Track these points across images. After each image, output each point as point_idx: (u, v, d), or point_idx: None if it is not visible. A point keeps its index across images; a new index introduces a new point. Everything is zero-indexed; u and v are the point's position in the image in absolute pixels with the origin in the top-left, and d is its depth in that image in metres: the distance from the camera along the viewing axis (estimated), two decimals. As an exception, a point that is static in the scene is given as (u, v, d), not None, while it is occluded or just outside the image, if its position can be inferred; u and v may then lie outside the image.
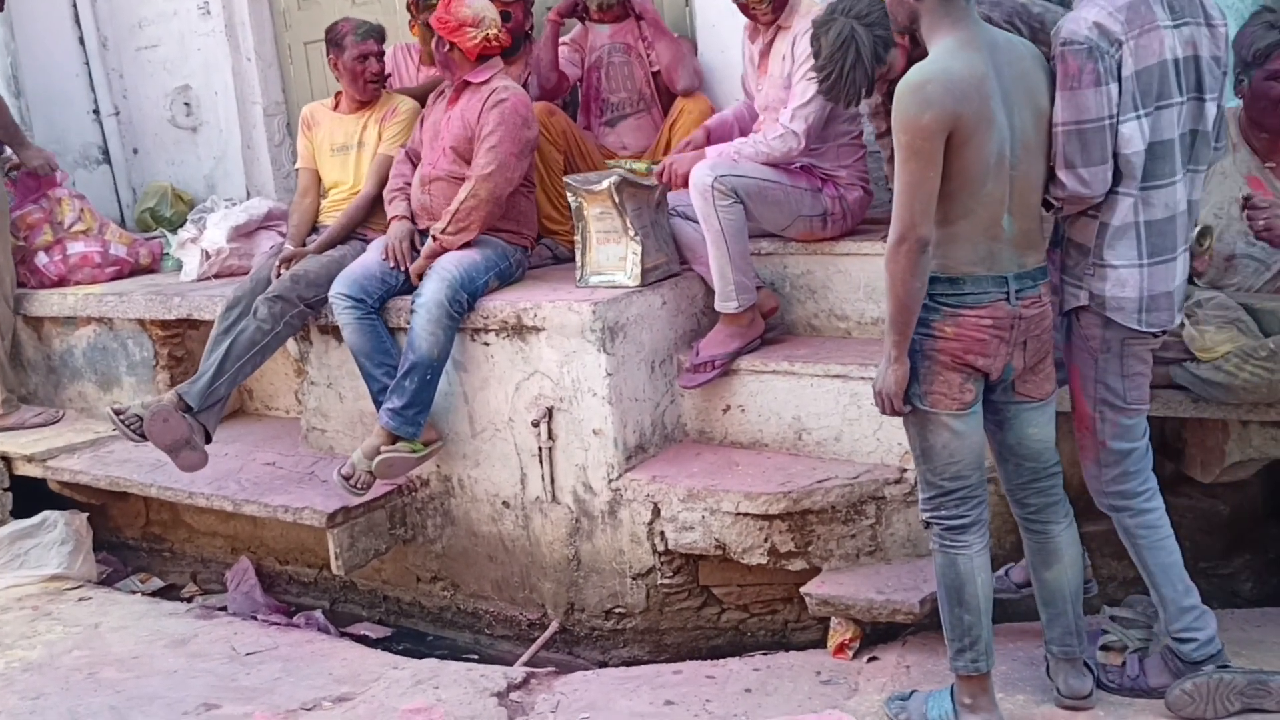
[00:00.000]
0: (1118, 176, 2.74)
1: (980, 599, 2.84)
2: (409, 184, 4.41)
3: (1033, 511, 2.95)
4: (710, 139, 4.22)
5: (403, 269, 4.19)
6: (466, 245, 4.14)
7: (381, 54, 4.68)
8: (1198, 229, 3.10)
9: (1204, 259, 3.17)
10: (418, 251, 4.25)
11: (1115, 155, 2.73)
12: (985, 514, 2.87)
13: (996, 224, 2.66)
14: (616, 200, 3.94)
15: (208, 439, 4.26)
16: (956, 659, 2.87)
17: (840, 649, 3.50)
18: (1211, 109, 2.83)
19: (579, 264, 4.12)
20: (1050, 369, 2.85)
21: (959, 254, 2.67)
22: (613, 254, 4.04)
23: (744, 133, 4.21)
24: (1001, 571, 3.41)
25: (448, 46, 4.17)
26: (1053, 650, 3.01)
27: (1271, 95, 3.34)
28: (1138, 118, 2.72)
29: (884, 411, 2.80)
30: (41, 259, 5.62)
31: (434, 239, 4.14)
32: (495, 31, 4.18)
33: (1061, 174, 2.73)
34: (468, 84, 4.23)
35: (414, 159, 4.46)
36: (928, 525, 2.90)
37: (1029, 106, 2.65)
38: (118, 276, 5.77)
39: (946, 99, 2.53)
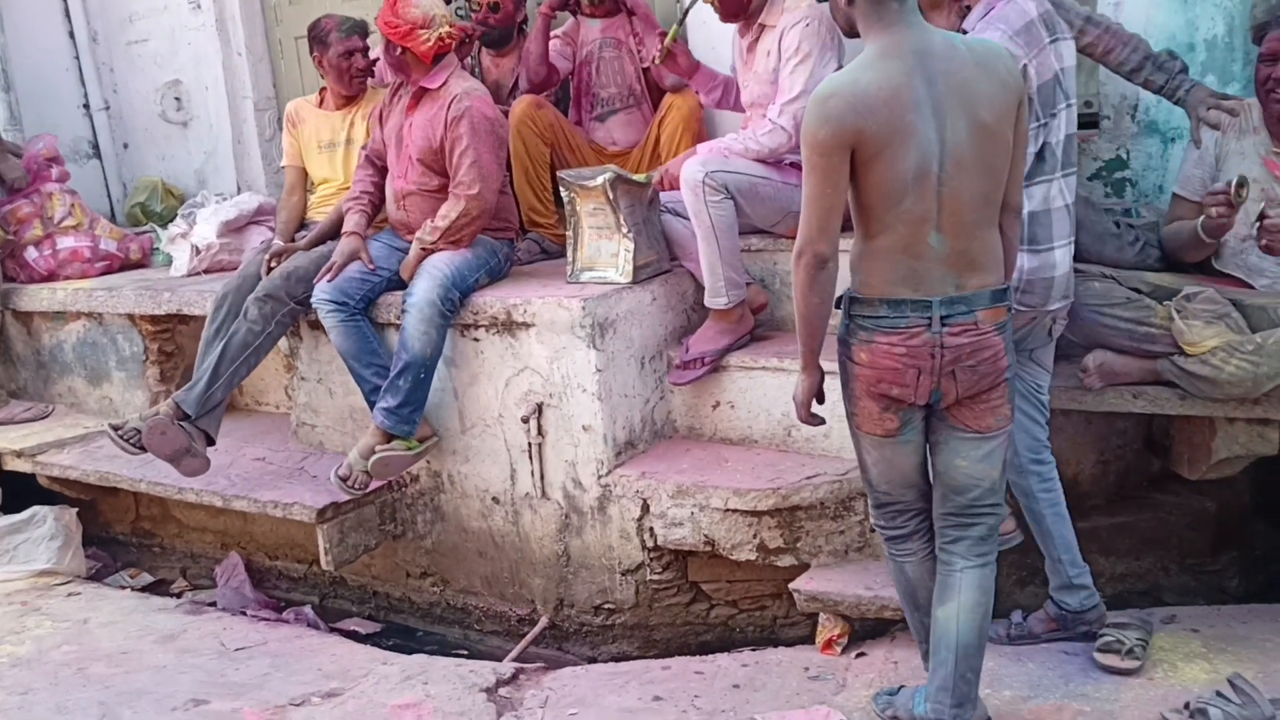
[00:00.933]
0: None
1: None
2: (368, 192, 4.33)
3: (946, 540, 2.76)
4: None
5: (332, 291, 4.09)
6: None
7: (367, 49, 4.65)
8: (1236, 179, 3.17)
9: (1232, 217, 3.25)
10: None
11: None
12: (926, 524, 2.82)
13: (920, 242, 2.52)
14: (611, 197, 3.94)
15: (210, 442, 4.25)
16: (927, 660, 2.88)
17: (828, 645, 3.51)
18: (1072, 114, 3.03)
19: (570, 260, 4.11)
20: (998, 403, 2.64)
21: (879, 272, 2.56)
22: (605, 250, 4.04)
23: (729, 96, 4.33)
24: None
25: (399, 50, 4.07)
26: (929, 712, 2.77)
27: (1259, 77, 3.43)
28: (1037, 127, 2.92)
29: (800, 419, 2.79)
30: (31, 254, 5.60)
31: (424, 250, 4.11)
32: (447, 29, 4.07)
33: None
34: (425, 90, 4.14)
35: (376, 160, 4.38)
36: (873, 530, 2.89)
37: (965, 118, 2.47)
38: (107, 271, 5.75)
39: (847, 114, 2.44)
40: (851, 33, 2.68)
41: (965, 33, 2.98)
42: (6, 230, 5.57)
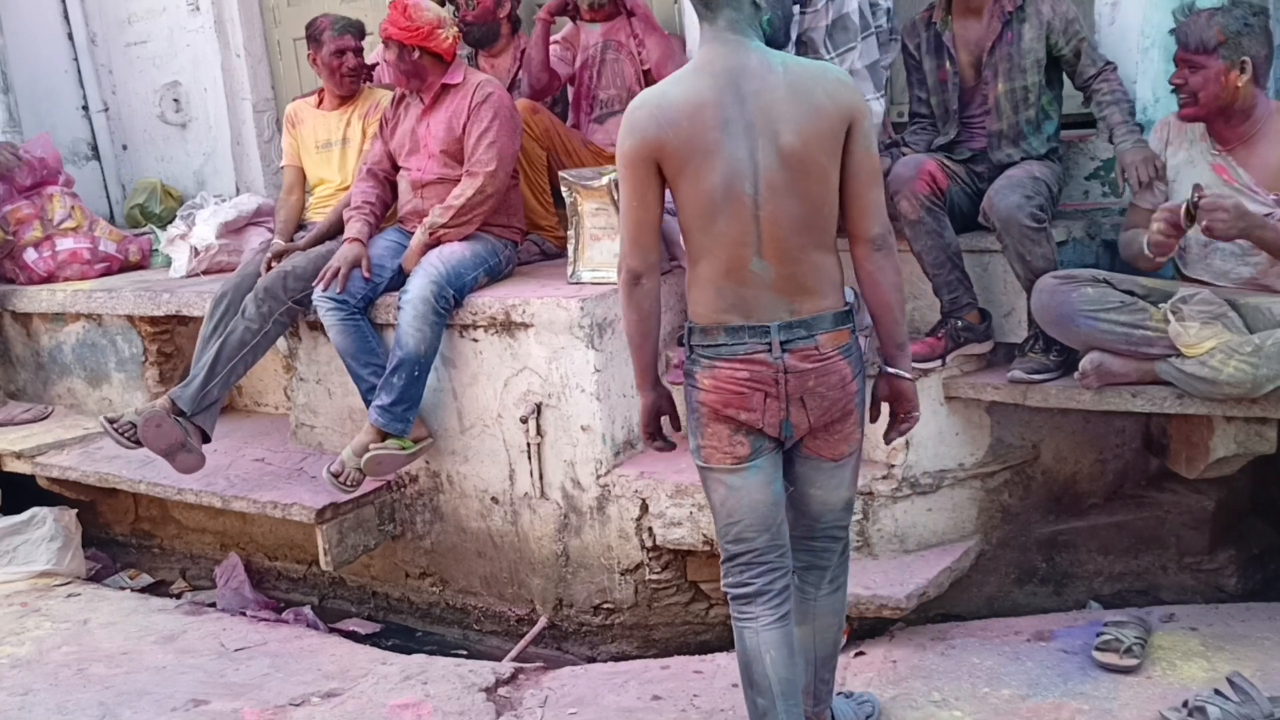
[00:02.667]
0: None
1: (772, 680, 2.57)
2: (370, 202, 4.34)
3: (800, 567, 2.73)
4: None
5: (334, 291, 4.09)
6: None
7: (360, 49, 4.67)
8: (1186, 201, 3.18)
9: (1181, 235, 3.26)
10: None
11: None
12: (778, 584, 2.61)
13: (742, 268, 2.44)
14: (616, 197, 3.95)
15: (206, 439, 4.26)
16: None
17: (827, 644, 3.51)
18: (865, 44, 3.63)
19: (571, 260, 4.12)
20: (850, 431, 2.58)
21: (707, 300, 2.49)
22: (608, 250, 4.04)
23: None
24: None
25: (417, 54, 4.12)
26: None
27: (1173, 83, 3.45)
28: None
29: (645, 443, 2.75)
30: (30, 255, 5.60)
31: (430, 233, 4.13)
32: (455, 27, 4.19)
33: None
34: (445, 87, 4.21)
35: (378, 173, 4.40)
36: (726, 595, 2.67)
37: (773, 144, 2.39)
38: (107, 273, 5.76)
39: (650, 126, 2.40)
40: None
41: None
42: (6, 230, 5.57)
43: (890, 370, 2.63)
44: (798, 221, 2.43)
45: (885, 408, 2.71)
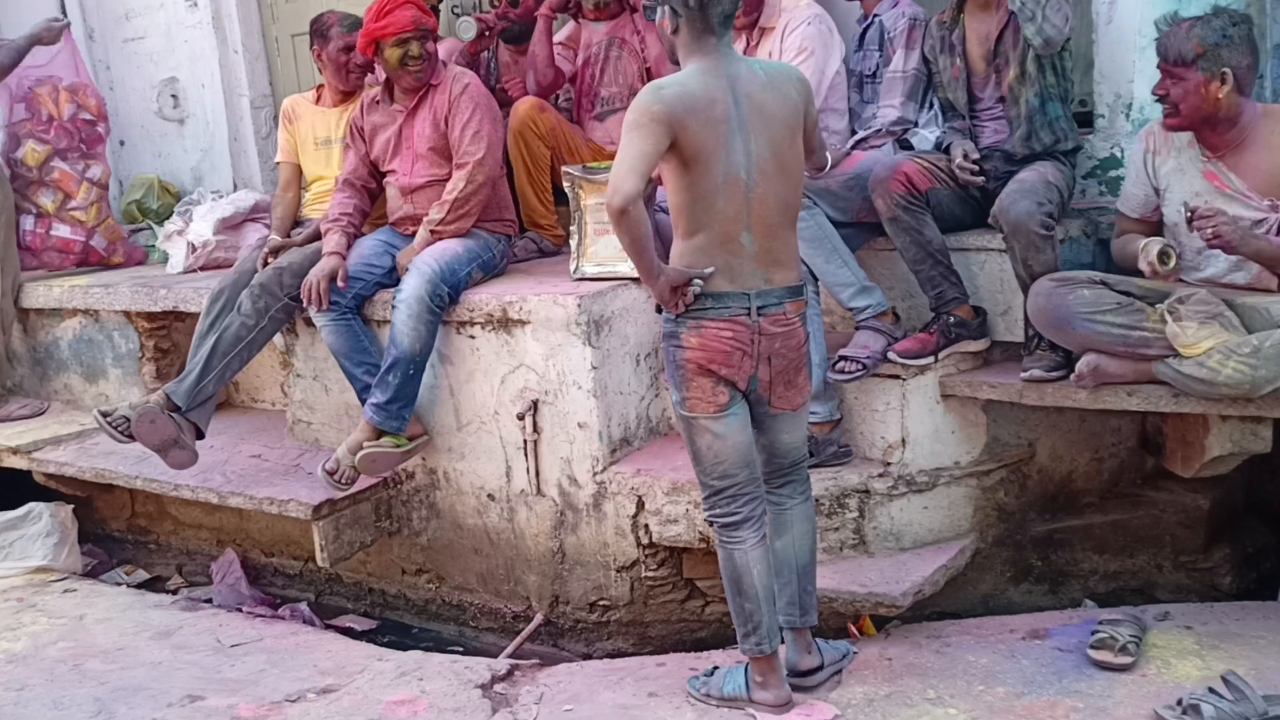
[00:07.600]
0: None
1: (758, 588, 3.03)
2: (348, 214, 4.32)
3: (775, 486, 3.16)
4: None
5: (318, 309, 4.11)
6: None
7: None
8: (1159, 249, 3.21)
9: (1170, 279, 3.34)
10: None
11: None
12: (758, 510, 3.06)
13: (734, 240, 2.87)
14: None
15: (200, 435, 4.26)
16: (744, 643, 3.08)
17: (823, 641, 3.52)
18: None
19: (575, 255, 4.11)
20: (803, 382, 3.04)
21: (699, 266, 2.88)
22: (611, 245, 4.03)
23: None
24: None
25: (433, 42, 4.17)
26: (781, 621, 3.17)
27: (1155, 94, 3.44)
28: None
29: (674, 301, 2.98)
30: (27, 223, 5.60)
31: (431, 231, 4.13)
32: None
33: None
34: (430, 86, 4.24)
35: (356, 182, 4.39)
36: (710, 524, 3.09)
37: (764, 134, 2.86)
38: (83, 263, 5.77)
39: (677, 104, 2.79)
40: (673, 57, 3.04)
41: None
42: (20, 168, 5.55)
43: None
44: (781, 201, 2.91)
45: None
